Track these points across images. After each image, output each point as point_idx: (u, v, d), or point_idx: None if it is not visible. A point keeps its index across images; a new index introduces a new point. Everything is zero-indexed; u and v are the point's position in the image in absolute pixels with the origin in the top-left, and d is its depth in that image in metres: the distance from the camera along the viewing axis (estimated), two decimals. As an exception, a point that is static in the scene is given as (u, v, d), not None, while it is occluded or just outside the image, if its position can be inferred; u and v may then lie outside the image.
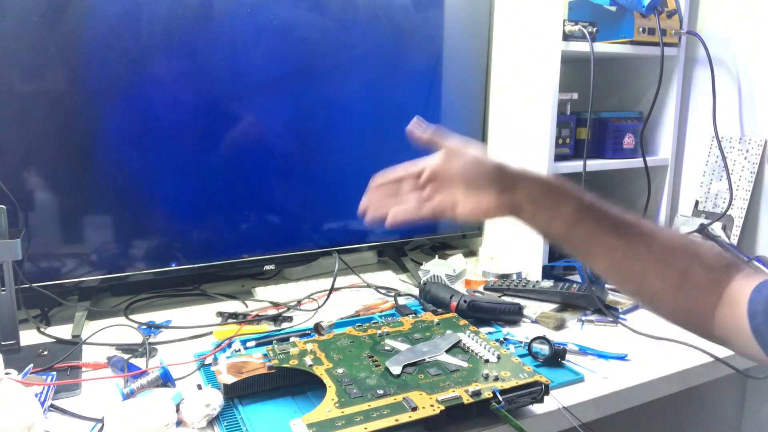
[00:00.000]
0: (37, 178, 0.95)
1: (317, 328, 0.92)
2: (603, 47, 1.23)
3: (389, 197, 0.71)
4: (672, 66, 1.31)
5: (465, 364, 0.77)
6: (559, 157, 1.22)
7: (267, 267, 1.16)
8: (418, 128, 0.69)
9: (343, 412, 0.65)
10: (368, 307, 1.07)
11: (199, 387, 0.78)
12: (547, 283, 1.13)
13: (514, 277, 1.21)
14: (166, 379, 0.75)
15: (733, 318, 0.56)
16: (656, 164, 1.35)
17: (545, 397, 0.73)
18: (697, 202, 1.32)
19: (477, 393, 0.69)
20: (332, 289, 1.09)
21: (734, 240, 1.22)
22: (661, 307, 0.63)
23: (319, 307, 1.07)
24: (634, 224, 0.61)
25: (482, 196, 0.65)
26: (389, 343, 0.83)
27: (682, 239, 0.64)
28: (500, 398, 0.69)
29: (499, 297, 1.12)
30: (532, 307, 1.05)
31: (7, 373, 0.65)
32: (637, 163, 1.30)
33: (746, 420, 1.21)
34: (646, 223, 0.62)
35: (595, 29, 1.19)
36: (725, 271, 0.59)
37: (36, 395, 0.70)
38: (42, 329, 0.97)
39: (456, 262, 1.22)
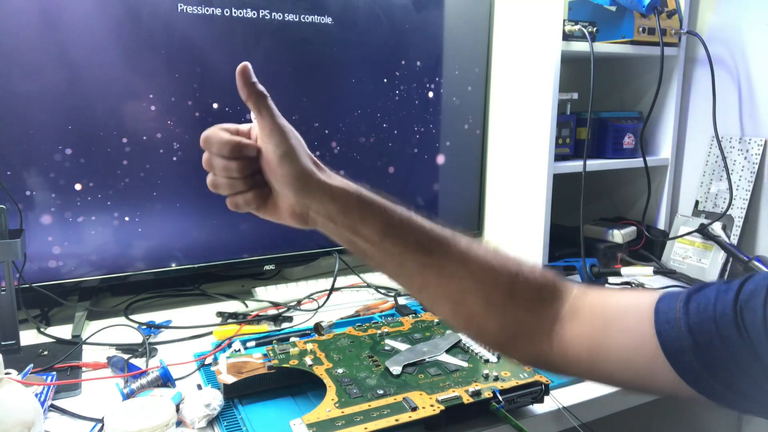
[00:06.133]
0: (37, 177, 0.95)
1: (317, 328, 0.92)
2: (603, 47, 1.23)
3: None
4: (672, 66, 1.31)
5: (465, 364, 0.77)
6: (559, 157, 1.22)
7: (267, 267, 1.16)
8: (251, 76, 0.53)
9: (343, 412, 0.65)
10: (368, 307, 1.07)
11: (199, 387, 0.78)
12: (547, 283, 1.12)
13: (514, 277, 1.21)
14: (166, 379, 0.76)
15: (607, 332, 0.50)
16: (656, 164, 1.35)
17: (545, 397, 0.73)
18: (697, 202, 1.32)
19: (477, 393, 0.69)
20: (332, 289, 1.09)
21: (734, 240, 1.22)
22: (483, 329, 0.55)
23: (319, 307, 1.07)
24: (448, 240, 0.54)
25: (281, 198, 0.57)
26: (389, 343, 0.83)
27: (502, 256, 0.57)
28: (500, 398, 0.69)
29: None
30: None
31: (7, 373, 0.65)
32: (637, 163, 1.30)
33: (746, 420, 1.21)
34: (462, 239, 0.55)
35: (595, 29, 1.19)
36: (555, 287, 0.54)
37: (36, 395, 0.70)
38: (42, 329, 0.97)
39: (456, 262, 1.22)
